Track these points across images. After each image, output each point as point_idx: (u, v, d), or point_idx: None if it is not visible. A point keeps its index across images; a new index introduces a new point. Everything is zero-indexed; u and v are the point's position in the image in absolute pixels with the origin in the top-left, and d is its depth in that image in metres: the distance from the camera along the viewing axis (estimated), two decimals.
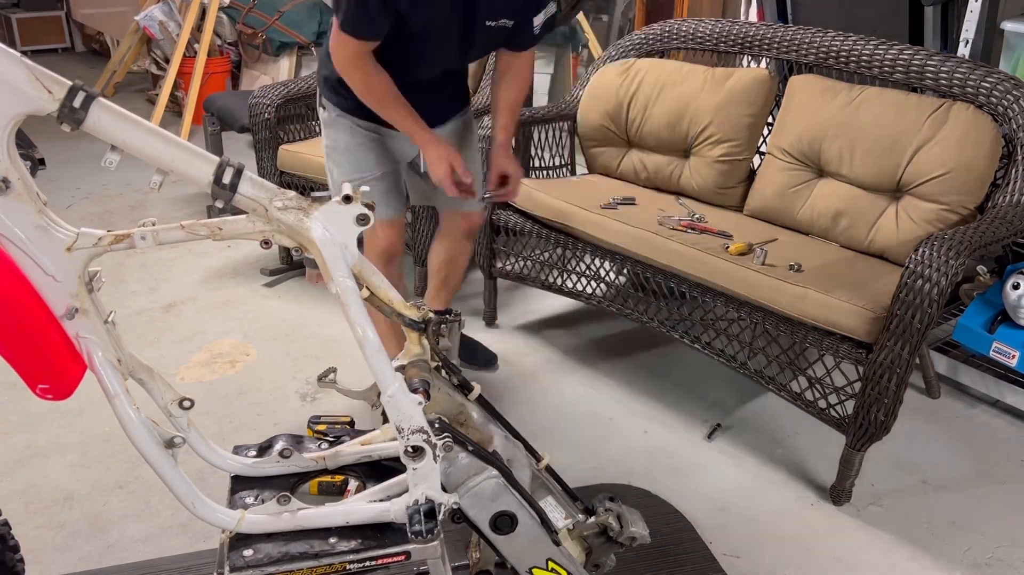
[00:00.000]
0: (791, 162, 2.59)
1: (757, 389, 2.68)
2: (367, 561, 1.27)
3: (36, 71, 1.04)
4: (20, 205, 1.10)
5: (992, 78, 2.30)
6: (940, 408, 2.63)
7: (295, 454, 1.40)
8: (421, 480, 1.26)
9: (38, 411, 2.48)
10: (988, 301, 2.44)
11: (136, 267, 3.48)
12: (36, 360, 1.16)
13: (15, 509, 2.08)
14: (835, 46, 2.61)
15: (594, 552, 1.47)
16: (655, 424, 2.53)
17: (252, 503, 1.33)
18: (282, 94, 3.23)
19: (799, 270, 2.23)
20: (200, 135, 4.56)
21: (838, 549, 2.04)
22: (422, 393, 1.27)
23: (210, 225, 1.18)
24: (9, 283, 1.12)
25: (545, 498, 1.46)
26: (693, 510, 2.15)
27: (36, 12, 7.69)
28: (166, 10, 5.45)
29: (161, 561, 1.92)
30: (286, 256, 3.48)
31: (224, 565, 1.24)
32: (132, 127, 1.10)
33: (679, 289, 2.46)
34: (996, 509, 2.19)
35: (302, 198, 1.18)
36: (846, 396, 2.15)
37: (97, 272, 1.22)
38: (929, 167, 2.30)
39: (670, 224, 2.54)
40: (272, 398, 2.60)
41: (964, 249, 1.94)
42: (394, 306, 1.29)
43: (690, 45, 3.00)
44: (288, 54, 5.28)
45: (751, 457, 2.38)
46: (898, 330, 1.95)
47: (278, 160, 3.23)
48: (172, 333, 2.99)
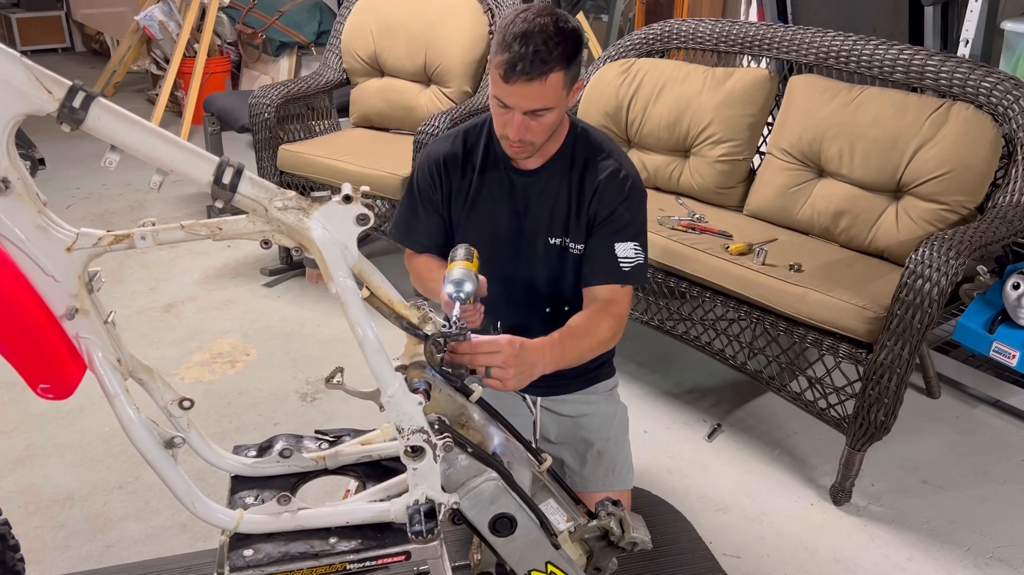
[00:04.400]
0: (791, 162, 2.59)
1: (757, 389, 2.68)
2: (367, 561, 1.27)
3: (36, 71, 1.04)
4: (20, 205, 1.10)
5: (992, 78, 2.30)
6: (940, 408, 2.63)
7: (295, 454, 1.40)
8: (421, 480, 1.26)
9: (38, 411, 2.48)
10: (988, 301, 2.44)
11: (136, 267, 3.48)
12: (36, 360, 1.16)
13: (15, 509, 2.08)
14: (835, 46, 2.61)
15: (595, 555, 1.47)
16: (655, 424, 2.52)
17: (252, 503, 1.33)
18: (282, 94, 3.23)
19: (799, 270, 2.23)
20: (200, 135, 4.56)
21: (838, 549, 2.04)
22: (422, 393, 1.27)
23: (210, 225, 1.18)
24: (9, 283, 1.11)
25: (546, 500, 1.46)
26: (693, 510, 2.15)
27: (36, 12, 7.69)
28: (166, 10, 5.45)
29: (161, 561, 1.92)
30: (286, 256, 3.48)
31: (224, 565, 1.24)
32: (132, 127, 1.09)
33: (679, 289, 2.46)
34: (996, 509, 2.19)
35: (302, 198, 1.18)
36: (846, 396, 2.15)
37: (97, 272, 1.21)
38: (929, 167, 2.30)
39: (670, 224, 2.54)
40: (272, 398, 2.60)
41: (964, 249, 1.94)
42: (394, 307, 1.29)
43: (690, 45, 3.00)
44: (288, 54, 5.28)
45: (751, 457, 2.38)
46: (898, 330, 1.95)
47: (278, 160, 3.23)
48: (172, 333, 2.99)
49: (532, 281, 1.71)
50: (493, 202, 1.68)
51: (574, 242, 1.66)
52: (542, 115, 1.50)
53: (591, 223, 1.64)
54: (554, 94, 1.48)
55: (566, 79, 1.48)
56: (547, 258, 1.68)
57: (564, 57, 1.45)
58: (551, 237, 1.67)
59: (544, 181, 1.66)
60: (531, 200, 1.67)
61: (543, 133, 1.55)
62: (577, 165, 1.65)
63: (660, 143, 2.90)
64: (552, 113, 1.51)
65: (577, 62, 1.49)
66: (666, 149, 2.90)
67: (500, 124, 1.55)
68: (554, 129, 1.57)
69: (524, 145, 1.55)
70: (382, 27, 3.44)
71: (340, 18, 3.62)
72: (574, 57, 1.48)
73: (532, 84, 1.45)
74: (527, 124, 1.51)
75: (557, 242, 1.67)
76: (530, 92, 1.46)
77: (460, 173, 1.69)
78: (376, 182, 2.94)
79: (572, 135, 1.66)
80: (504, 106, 1.51)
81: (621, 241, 1.62)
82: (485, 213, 1.69)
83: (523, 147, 1.56)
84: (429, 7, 3.39)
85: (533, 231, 1.67)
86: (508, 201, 1.67)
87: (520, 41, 1.42)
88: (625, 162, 1.67)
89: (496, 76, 1.48)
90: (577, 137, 1.66)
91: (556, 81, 1.46)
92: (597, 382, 1.85)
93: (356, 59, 3.48)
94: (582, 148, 1.66)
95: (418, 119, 3.20)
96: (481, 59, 3.30)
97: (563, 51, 1.45)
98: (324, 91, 3.47)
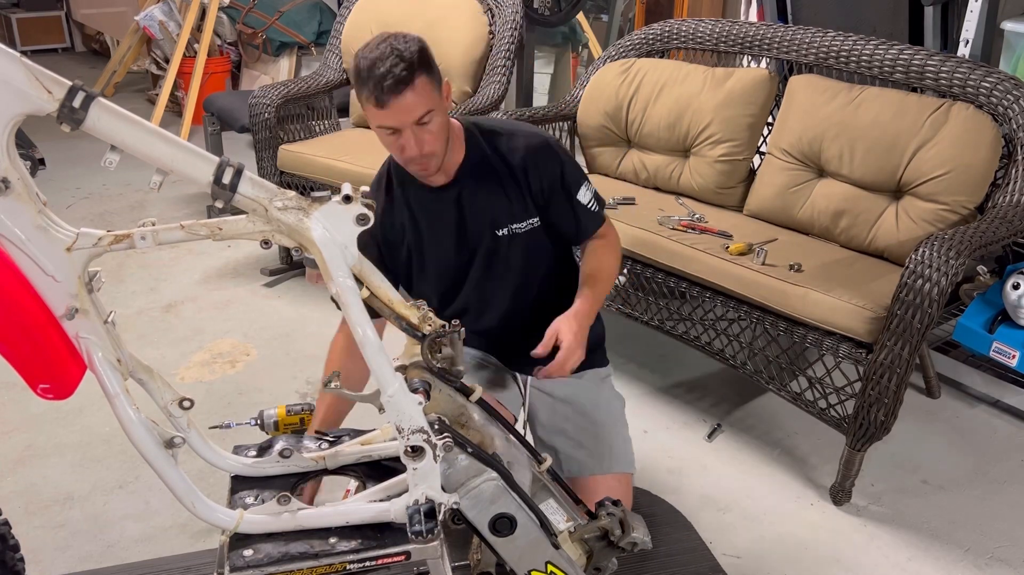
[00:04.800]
0: (791, 162, 2.59)
1: (757, 389, 2.68)
2: (367, 561, 1.27)
3: (36, 71, 1.04)
4: (20, 205, 1.10)
5: (992, 78, 2.30)
6: (940, 408, 2.63)
7: (295, 454, 1.40)
8: (421, 480, 1.26)
9: (38, 411, 2.48)
10: (988, 301, 2.44)
11: (136, 267, 3.48)
12: (36, 360, 1.16)
13: (15, 509, 2.08)
14: (835, 46, 2.61)
15: (595, 555, 1.47)
16: (655, 424, 2.52)
17: (252, 503, 1.33)
18: (282, 94, 3.23)
19: (799, 270, 2.23)
20: (200, 135, 4.56)
21: (838, 549, 2.04)
22: (422, 393, 1.27)
23: (210, 225, 1.18)
24: (9, 283, 1.11)
25: (546, 500, 1.46)
26: (693, 510, 2.15)
27: (36, 12, 7.69)
28: (166, 10, 5.45)
29: (161, 561, 1.92)
30: (286, 256, 3.48)
31: (224, 565, 1.24)
32: (132, 127, 1.10)
33: (679, 289, 2.46)
34: (996, 509, 2.19)
35: (302, 198, 1.18)
36: (846, 396, 2.15)
37: (97, 272, 1.21)
38: (929, 167, 2.30)
39: (670, 224, 2.54)
40: (272, 398, 2.59)
41: (964, 249, 1.94)
42: (394, 307, 1.29)
43: (690, 45, 3.00)
44: (288, 54, 5.28)
45: (751, 457, 2.38)
46: (898, 330, 1.95)
47: (278, 160, 3.22)
48: (172, 333, 2.99)
49: (502, 277, 1.76)
50: (432, 226, 1.74)
51: (520, 222, 1.73)
52: (427, 122, 1.54)
53: (538, 195, 1.72)
54: (428, 96, 1.53)
55: (432, 80, 1.54)
56: (503, 251, 1.74)
57: (419, 63, 1.51)
58: (497, 230, 1.72)
59: (467, 185, 1.71)
60: (464, 207, 1.72)
61: (438, 139, 1.59)
62: (490, 155, 1.71)
63: (660, 143, 2.90)
64: (436, 115, 1.56)
65: (434, 66, 1.56)
66: (666, 149, 2.90)
67: (398, 150, 1.59)
68: (446, 133, 1.62)
69: (428, 158, 1.60)
70: (382, 27, 3.41)
71: (340, 18, 3.62)
72: (427, 60, 1.54)
73: (405, 95, 1.50)
74: (420, 137, 1.55)
75: (504, 232, 1.72)
76: (407, 103, 1.51)
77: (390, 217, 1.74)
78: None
79: (470, 133, 1.72)
80: (393, 131, 1.55)
81: (576, 192, 1.75)
82: (430, 239, 1.74)
83: (428, 160, 1.60)
84: (429, 7, 3.39)
85: (477, 234, 1.73)
86: (442, 218, 1.73)
87: (374, 69, 1.49)
88: (526, 131, 1.76)
89: (372, 109, 1.53)
90: (475, 133, 1.72)
91: (424, 84, 1.52)
92: (589, 367, 1.87)
93: None
94: (485, 139, 1.72)
95: None
96: (481, 59, 3.30)
97: (414, 60, 1.51)
98: (324, 91, 3.47)
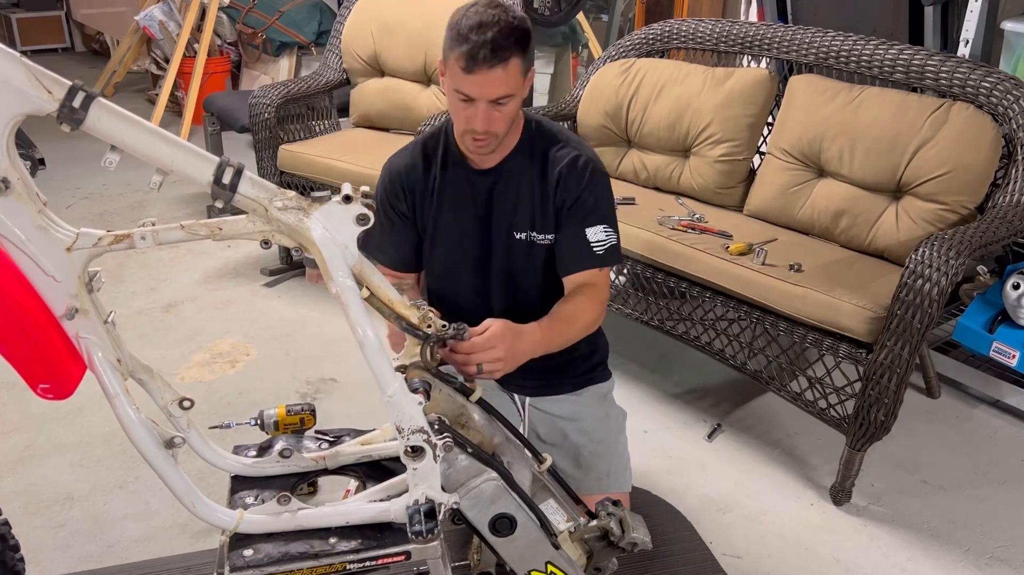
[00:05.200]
0: (791, 162, 2.59)
1: (757, 389, 2.68)
2: (367, 561, 1.27)
3: (36, 71, 1.04)
4: (20, 205, 1.10)
5: (992, 78, 2.30)
6: (940, 408, 2.63)
7: (295, 454, 1.40)
8: (421, 480, 1.26)
9: (38, 411, 2.48)
10: (988, 301, 2.44)
11: (136, 267, 3.48)
12: (36, 360, 1.16)
13: (15, 509, 2.08)
14: (835, 46, 2.61)
15: (595, 555, 1.47)
16: (655, 424, 2.52)
17: (252, 503, 1.33)
18: (282, 94, 3.23)
19: (799, 270, 2.23)
20: (200, 135, 4.56)
21: (838, 549, 2.04)
22: (422, 393, 1.27)
23: (210, 225, 1.18)
24: (9, 283, 1.12)
25: (546, 501, 1.46)
26: (693, 510, 2.15)
27: (36, 12, 7.69)
28: (166, 10, 5.45)
29: (161, 561, 1.92)
30: (286, 256, 3.48)
31: (224, 565, 1.24)
32: (132, 127, 1.10)
33: (679, 289, 2.46)
34: (996, 509, 2.19)
35: (302, 198, 1.18)
36: (846, 396, 2.15)
37: (97, 272, 1.21)
38: (929, 167, 2.30)
39: (670, 224, 2.54)
40: (272, 398, 2.59)
41: (964, 249, 1.94)
42: (394, 307, 1.29)
43: (690, 45, 3.00)
44: (288, 54, 5.28)
45: (751, 457, 2.38)
46: (898, 330, 1.95)
47: (278, 160, 3.22)
48: (172, 333, 2.99)
49: (504, 277, 1.73)
50: (457, 205, 1.70)
51: (541, 233, 1.68)
52: (504, 103, 1.52)
53: (558, 212, 1.66)
54: (515, 80, 1.50)
55: (523, 65, 1.51)
56: (516, 253, 1.70)
57: (520, 43, 1.48)
58: (517, 232, 1.68)
59: (505, 177, 1.68)
60: (494, 198, 1.68)
61: (505, 123, 1.56)
62: (536, 157, 1.67)
63: (660, 143, 2.90)
64: (513, 101, 1.53)
65: (530, 50, 1.53)
66: (666, 149, 2.90)
67: (464, 119, 1.55)
68: (514, 119, 1.59)
69: (489, 137, 1.56)
70: (382, 27, 3.44)
71: (340, 18, 3.62)
72: (527, 44, 1.51)
73: (495, 71, 1.46)
74: (491, 115, 1.52)
75: (523, 236, 1.68)
76: (493, 79, 1.47)
77: (422, 183, 1.71)
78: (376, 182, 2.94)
79: (528, 129, 1.69)
80: (467, 99, 1.51)
81: (591, 226, 1.65)
82: (450, 218, 1.71)
83: (488, 139, 1.57)
84: (429, 7, 3.39)
85: (499, 228, 1.69)
86: (471, 202, 1.69)
87: (477, 31, 1.44)
88: (583, 148, 1.69)
89: (456, 70, 1.48)
90: (533, 130, 1.69)
91: (516, 67, 1.49)
92: (590, 384, 1.85)
93: (356, 59, 3.48)
94: (539, 140, 1.68)
95: (418, 119, 3.20)
96: None
97: (518, 37, 1.48)
98: (324, 91, 3.47)
